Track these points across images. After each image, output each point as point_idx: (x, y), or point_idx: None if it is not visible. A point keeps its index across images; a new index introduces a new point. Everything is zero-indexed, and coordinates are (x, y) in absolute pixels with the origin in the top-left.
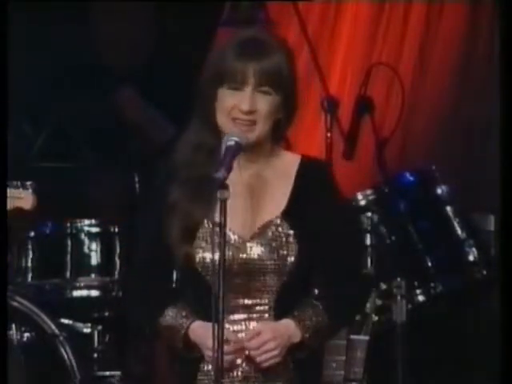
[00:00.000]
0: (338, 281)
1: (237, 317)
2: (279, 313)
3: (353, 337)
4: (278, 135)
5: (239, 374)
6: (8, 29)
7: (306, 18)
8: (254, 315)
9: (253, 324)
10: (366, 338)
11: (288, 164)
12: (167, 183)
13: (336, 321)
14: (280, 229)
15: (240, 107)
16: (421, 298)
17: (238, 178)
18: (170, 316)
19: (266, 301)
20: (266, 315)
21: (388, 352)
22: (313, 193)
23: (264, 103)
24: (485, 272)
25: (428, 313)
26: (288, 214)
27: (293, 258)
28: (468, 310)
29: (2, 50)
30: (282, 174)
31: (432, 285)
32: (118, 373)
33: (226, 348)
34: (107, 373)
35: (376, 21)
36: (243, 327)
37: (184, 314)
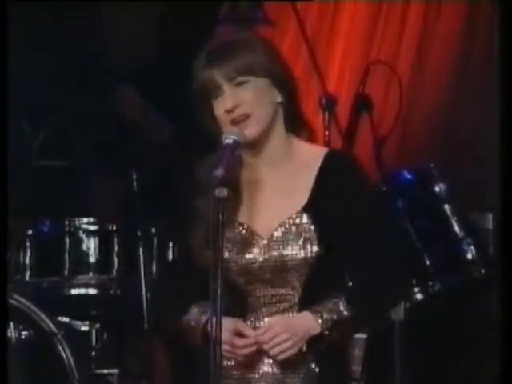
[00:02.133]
0: (367, 275)
1: (260, 315)
2: (304, 309)
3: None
4: (290, 123)
5: (258, 370)
6: (8, 29)
7: (304, 17)
8: (279, 312)
9: None
10: (364, 336)
11: (310, 157)
12: (194, 198)
13: (359, 315)
14: (302, 224)
15: (225, 108)
16: (419, 296)
17: (256, 174)
18: (193, 313)
19: (291, 297)
20: (291, 312)
21: (386, 350)
22: (338, 187)
23: (246, 92)
24: (483, 270)
25: (426, 311)
26: (310, 209)
27: (315, 254)
28: (466, 308)
29: (2, 50)
30: (303, 167)
31: (430, 283)
32: (116, 371)
33: (240, 342)
34: (105, 371)
35: (374, 19)
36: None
37: (205, 311)
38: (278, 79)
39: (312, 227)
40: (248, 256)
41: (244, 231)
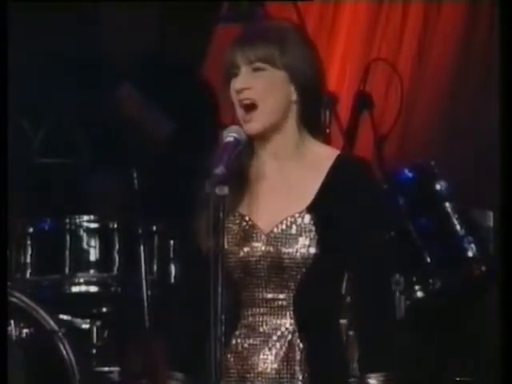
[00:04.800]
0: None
1: (256, 311)
2: (299, 308)
3: (351, 333)
4: (305, 123)
5: (253, 369)
6: (8, 29)
7: (305, 15)
8: (274, 310)
9: (272, 318)
10: None
11: (321, 158)
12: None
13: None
14: (303, 225)
15: (235, 87)
16: (419, 294)
17: (262, 167)
18: None
19: (286, 296)
20: (286, 310)
21: None
22: (346, 192)
23: (260, 80)
24: (484, 268)
25: (427, 309)
26: (313, 211)
27: (313, 256)
28: (467, 306)
29: (2, 49)
30: (312, 167)
31: (431, 281)
32: (116, 368)
33: None
34: (106, 368)
35: (375, 18)
36: (262, 321)
37: None
38: (297, 77)
39: (313, 228)
40: (246, 249)
41: (245, 223)
